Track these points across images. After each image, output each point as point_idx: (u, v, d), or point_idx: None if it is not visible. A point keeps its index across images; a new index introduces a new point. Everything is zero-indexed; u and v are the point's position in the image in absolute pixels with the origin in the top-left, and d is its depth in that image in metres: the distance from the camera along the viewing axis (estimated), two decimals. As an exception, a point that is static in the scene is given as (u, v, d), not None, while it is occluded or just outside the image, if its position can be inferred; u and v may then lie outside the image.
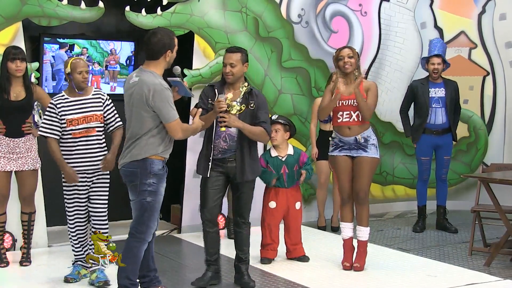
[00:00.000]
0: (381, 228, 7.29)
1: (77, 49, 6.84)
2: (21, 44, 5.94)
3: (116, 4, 6.51)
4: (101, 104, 5.11)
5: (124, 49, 7.11)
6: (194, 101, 5.79)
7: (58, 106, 5.01)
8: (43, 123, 5.06)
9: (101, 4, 6.30)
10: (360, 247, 5.50)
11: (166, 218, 7.35)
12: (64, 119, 5.00)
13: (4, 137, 5.44)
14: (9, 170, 5.47)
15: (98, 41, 6.95)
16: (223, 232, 6.65)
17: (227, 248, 5.61)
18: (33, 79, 6.04)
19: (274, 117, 5.81)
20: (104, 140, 5.16)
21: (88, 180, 5.08)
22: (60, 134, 5.03)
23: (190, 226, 6.88)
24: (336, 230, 7.04)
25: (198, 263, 5.62)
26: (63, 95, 5.07)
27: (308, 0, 7.65)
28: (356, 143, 5.38)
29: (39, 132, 5.08)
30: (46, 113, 5.06)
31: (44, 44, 6.59)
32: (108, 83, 7.11)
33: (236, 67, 4.93)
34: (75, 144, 5.02)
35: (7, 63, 5.39)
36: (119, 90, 7.17)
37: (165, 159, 4.50)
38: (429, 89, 7.00)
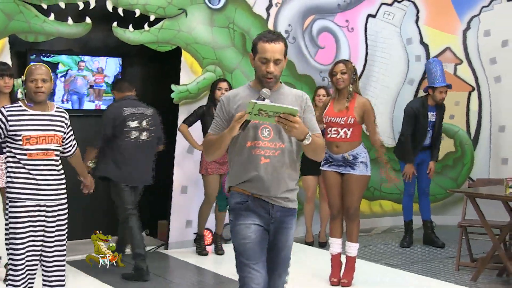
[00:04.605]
0: (369, 244, 7.29)
1: (61, 67, 6.80)
2: (7, 60, 5.91)
3: (103, 20, 6.50)
4: (63, 124, 4.27)
5: (110, 66, 7.09)
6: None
7: (8, 117, 4.10)
8: None
9: (88, 19, 6.29)
10: (349, 263, 5.49)
11: (153, 234, 7.31)
12: (19, 134, 4.09)
13: None
14: None
15: (83, 58, 6.91)
16: (210, 248, 6.63)
17: (215, 264, 5.58)
18: (19, 95, 6.00)
19: None
20: (61, 167, 4.29)
21: (48, 215, 4.16)
22: None
23: (177, 242, 6.84)
24: (323, 245, 7.04)
25: (186, 279, 5.58)
26: (20, 106, 4.19)
27: (295, 16, 7.69)
28: (344, 160, 5.39)
29: None
30: None
31: (31, 61, 6.55)
32: (93, 101, 7.08)
33: None
34: (32, 168, 4.13)
35: None
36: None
37: (251, 194, 3.49)
38: (428, 113, 7.06)
